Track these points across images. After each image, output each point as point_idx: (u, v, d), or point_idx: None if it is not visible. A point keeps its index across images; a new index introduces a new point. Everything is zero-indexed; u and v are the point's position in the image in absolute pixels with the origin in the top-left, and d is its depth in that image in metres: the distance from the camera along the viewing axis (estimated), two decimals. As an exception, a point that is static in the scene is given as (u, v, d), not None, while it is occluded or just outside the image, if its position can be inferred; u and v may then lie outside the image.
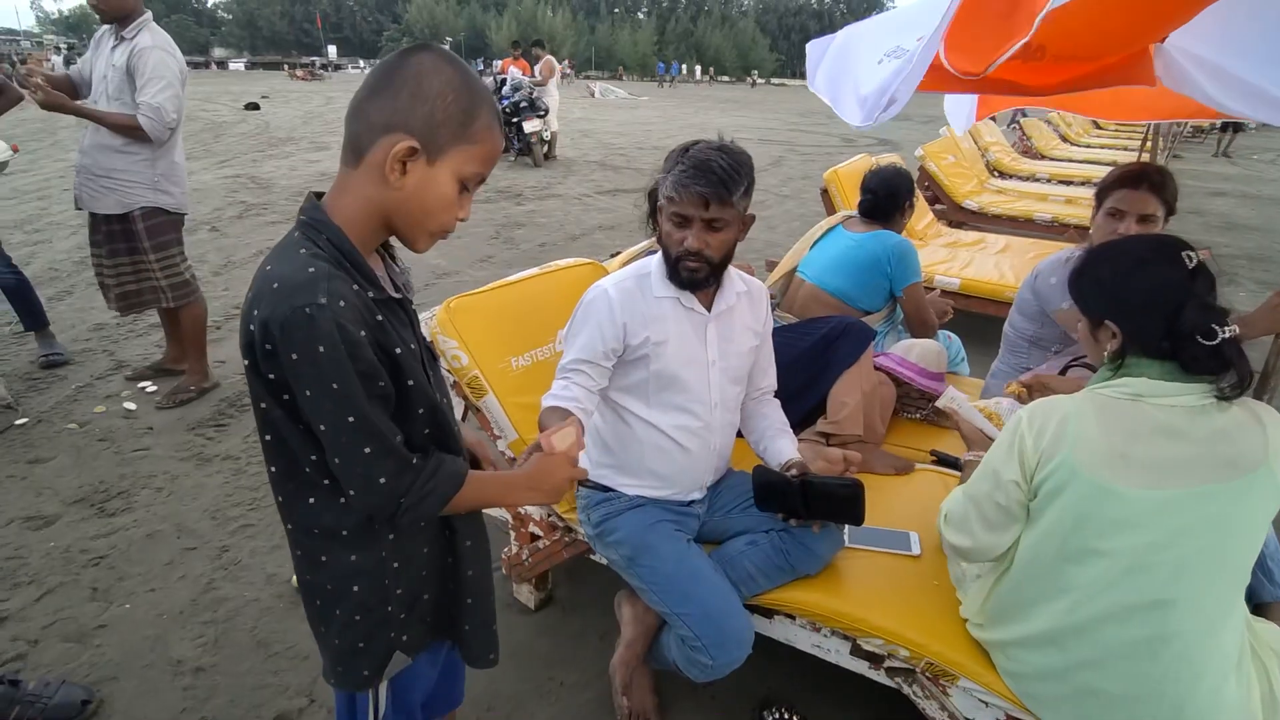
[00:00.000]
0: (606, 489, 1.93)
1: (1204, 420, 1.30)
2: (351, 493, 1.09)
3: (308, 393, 1.03)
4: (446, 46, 1.13)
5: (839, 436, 2.39)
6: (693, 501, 1.95)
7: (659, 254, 1.83)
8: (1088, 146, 11.33)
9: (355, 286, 1.04)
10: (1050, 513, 1.36)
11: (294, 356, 1.01)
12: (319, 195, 1.12)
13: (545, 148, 11.69)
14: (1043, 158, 9.95)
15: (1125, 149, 10.76)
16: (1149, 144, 4.97)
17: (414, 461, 1.10)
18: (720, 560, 1.87)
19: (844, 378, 2.45)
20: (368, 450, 1.06)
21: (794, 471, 1.82)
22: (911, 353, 2.77)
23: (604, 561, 2.07)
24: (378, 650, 1.23)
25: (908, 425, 2.74)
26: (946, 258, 4.94)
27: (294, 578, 2.48)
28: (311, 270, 1.02)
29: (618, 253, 3.21)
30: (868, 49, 1.79)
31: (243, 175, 9.90)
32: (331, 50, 69.01)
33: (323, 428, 1.05)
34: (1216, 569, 1.29)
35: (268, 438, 1.12)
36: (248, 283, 5.97)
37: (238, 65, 65.31)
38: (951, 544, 1.49)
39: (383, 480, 1.08)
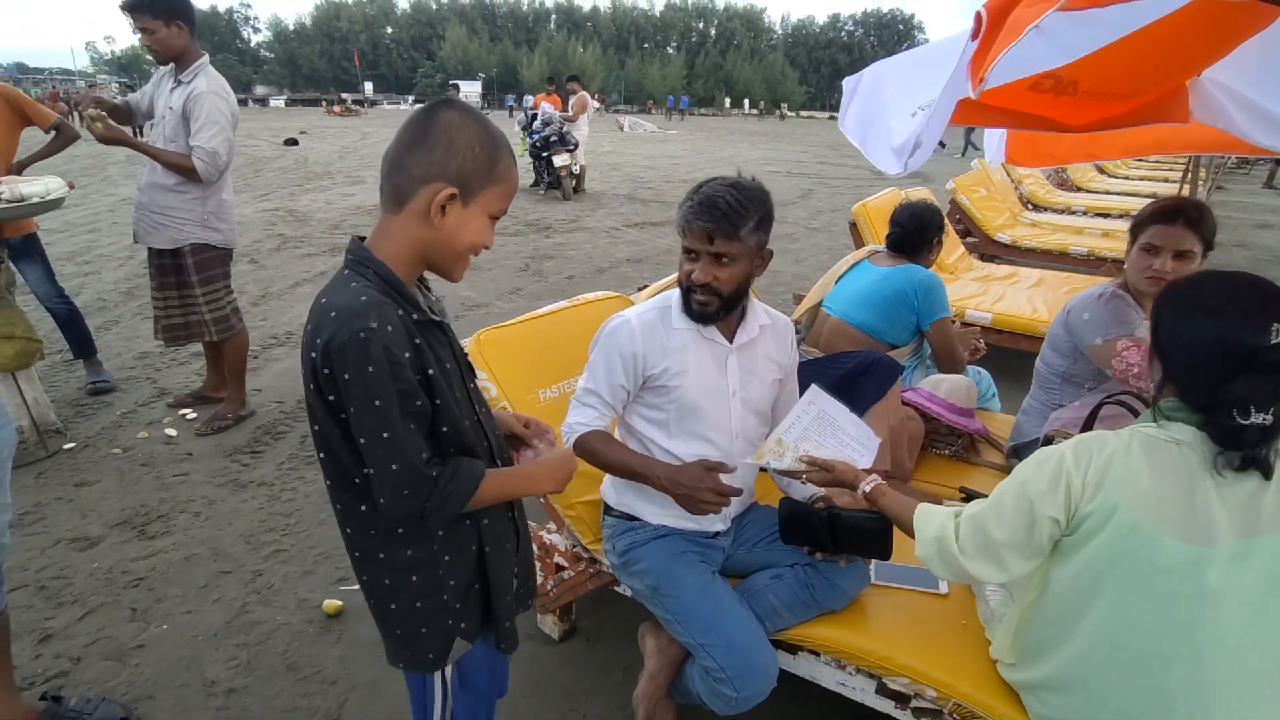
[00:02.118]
0: (631, 518, 1.96)
1: (1243, 479, 1.28)
2: (380, 501, 1.21)
3: (353, 409, 1.16)
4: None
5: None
6: (717, 533, 1.96)
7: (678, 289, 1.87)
8: (1125, 178, 11.23)
9: (400, 311, 1.18)
10: (1087, 550, 1.35)
11: (346, 376, 1.14)
12: (361, 239, 1.26)
13: (574, 181, 11.89)
14: (1079, 190, 9.89)
15: (1166, 180, 10.66)
16: (1190, 176, 4.94)
17: (434, 475, 1.21)
18: (744, 594, 1.88)
19: (870, 413, 2.45)
20: (394, 467, 1.18)
21: (820, 504, 1.83)
22: (940, 388, 2.77)
23: (628, 593, 2.09)
24: (438, 635, 1.36)
25: (936, 461, 2.74)
26: (978, 292, 4.92)
27: (325, 602, 2.53)
28: (364, 299, 1.15)
29: (645, 286, 3.26)
30: (902, 98, 1.84)
31: (281, 209, 10.21)
32: (368, 86, 70.97)
33: (362, 441, 1.17)
34: (1259, 623, 1.27)
35: (322, 455, 1.25)
36: (284, 313, 6.10)
37: (278, 102, 67.45)
38: (972, 573, 1.47)
39: (405, 493, 1.20)
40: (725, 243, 1.70)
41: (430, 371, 1.21)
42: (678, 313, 1.84)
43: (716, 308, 1.77)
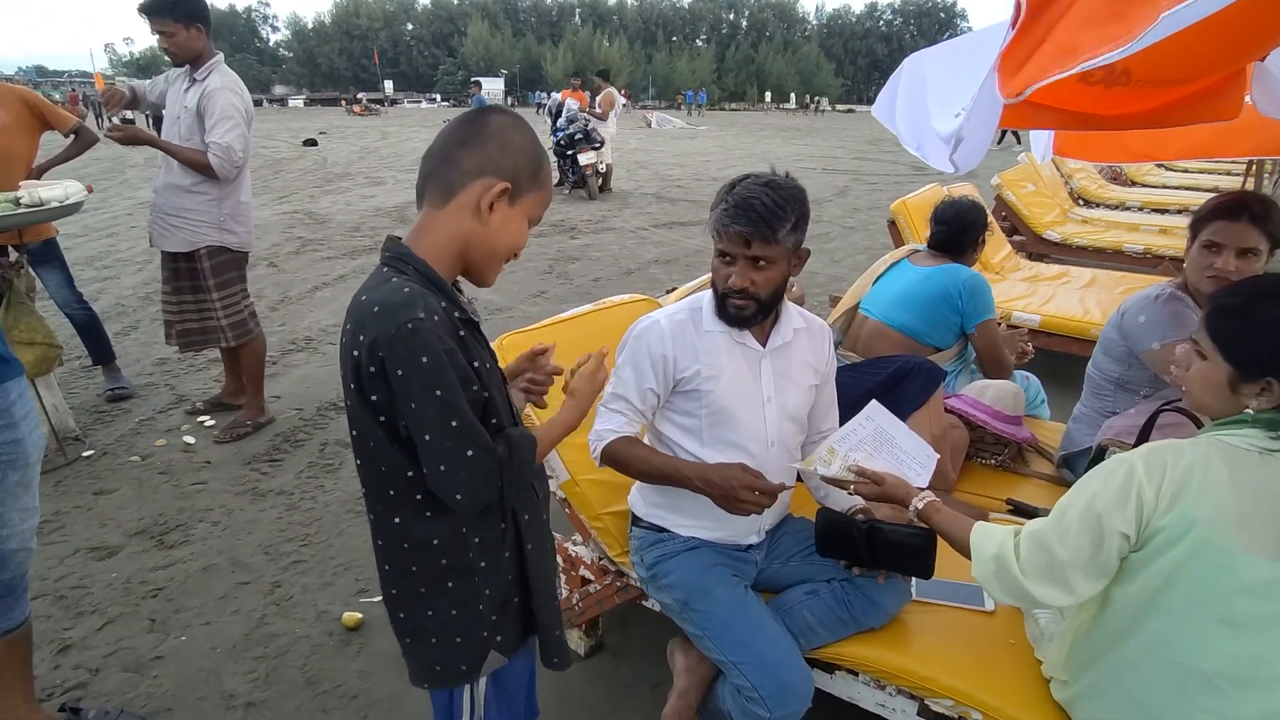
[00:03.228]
0: (660, 529, 1.96)
1: None
2: (459, 497, 1.22)
3: (413, 405, 1.17)
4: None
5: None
6: (750, 546, 1.96)
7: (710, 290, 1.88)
8: (1185, 171, 10.99)
9: (444, 304, 1.22)
10: (1157, 567, 1.32)
11: (400, 372, 1.15)
12: (397, 238, 1.30)
13: (600, 180, 11.95)
14: (1134, 184, 9.70)
15: (1228, 174, 10.42)
16: (1254, 169, 4.84)
17: (500, 453, 1.25)
18: (778, 610, 1.88)
19: (912, 420, 2.43)
20: (470, 453, 1.20)
21: (860, 516, 1.82)
22: (986, 394, 2.74)
23: (657, 608, 2.09)
24: (474, 646, 1.37)
25: (982, 472, 2.71)
26: (1026, 293, 4.86)
27: (345, 614, 2.56)
28: (407, 291, 1.18)
29: (674, 288, 3.27)
30: (945, 98, 1.84)
31: (300, 211, 10.38)
32: (388, 85, 71.96)
33: (427, 437, 1.18)
34: None
35: (359, 462, 1.28)
36: (303, 317, 6.19)
37: (297, 102, 68.64)
38: (1035, 596, 1.45)
39: (483, 480, 1.22)
40: (763, 246, 1.70)
41: (477, 364, 1.25)
42: (709, 315, 1.84)
43: (754, 311, 1.78)
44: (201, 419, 4.06)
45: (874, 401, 1.86)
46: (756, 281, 1.74)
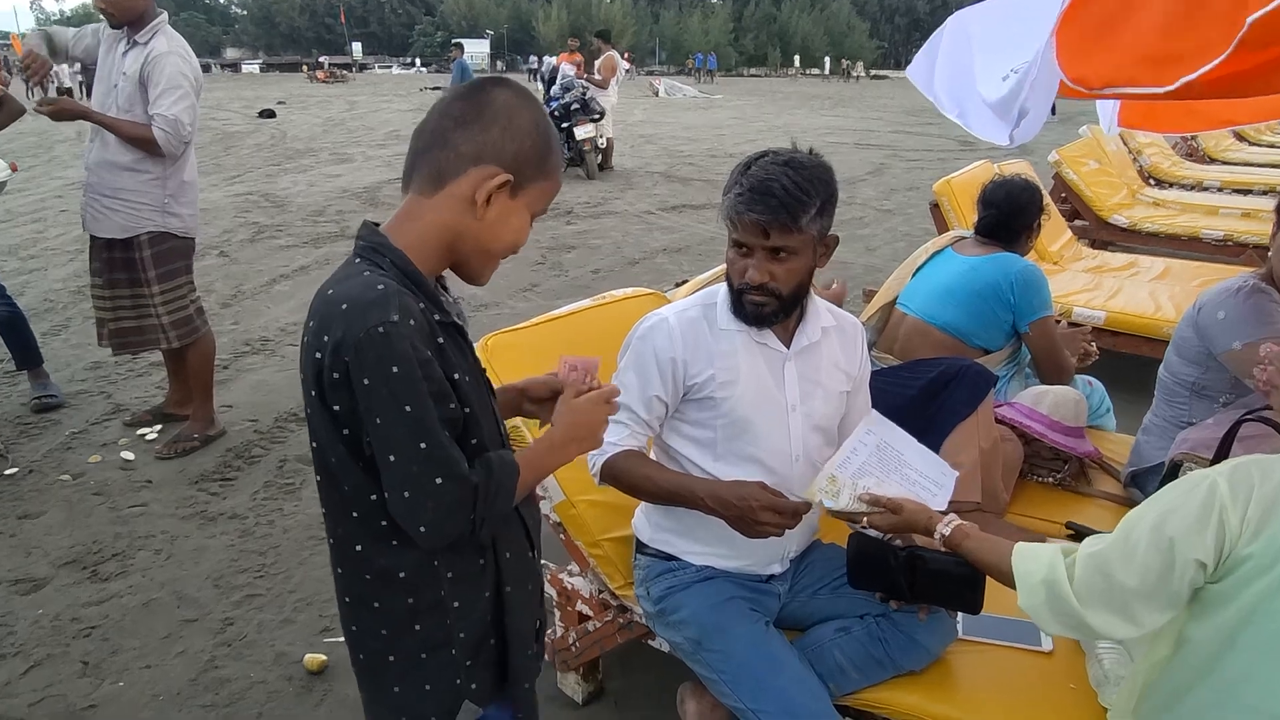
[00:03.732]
0: (669, 557, 1.97)
1: None
2: (422, 529, 1.21)
3: (378, 420, 1.16)
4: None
5: (953, 503, 2.37)
6: (772, 577, 1.97)
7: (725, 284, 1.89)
8: (1271, 146, 10.98)
9: (421, 306, 1.20)
10: (1244, 599, 1.31)
11: (366, 381, 1.15)
12: (374, 224, 1.29)
13: (600, 157, 11.97)
14: (1213, 161, 9.69)
15: (1323, 148, 10.41)
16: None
17: (475, 481, 1.23)
18: (805, 650, 1.88)
19: (957, 432, 2.45)
20: (439, 480, 1.18)
21: (898, 542, 1.83)
22: (1043, 402, 2.75)
23: (665, 648, 2.10)
24: (444, 694, 1.35)
25: (1038, 491, 2.71)
26: (1088, 285, 4.87)
27: (306, 656, 2.57)
28: (380, 288, 1.17)
29: (684, 280, 3.28)
30: (992, 58, 1.85)
31: (255, 192, 10.43)
32: (356, 48, 72.18)
33: (392, 458, 1.18)
34: None
35: (319, 478, 1.29)
36: (259, 315, 6.20)
37: (252, 67, 68.91)
38: (1092, 626, 1.45)
39: (452, 512, 1.21)
40: (783, 235, 1.69)
41: (456, 376, 1.24)
42: (724, 311, 1.85)
43: (775, 309, 1.78)
44: (142, 432, 4.08)
45: (873, 411, 1.87)
46: (777, 275, 1.73)
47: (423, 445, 1.17)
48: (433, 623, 1.32)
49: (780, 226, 1.68)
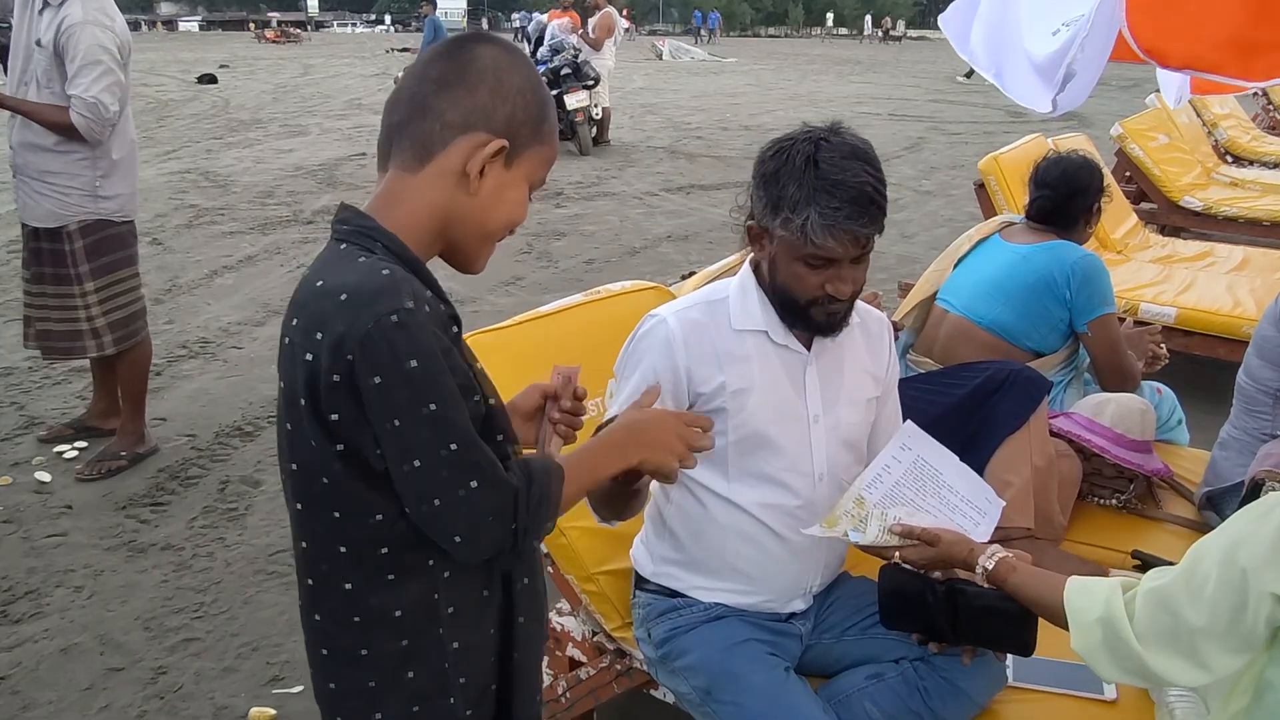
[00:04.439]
0: (674, 594, 1.96)
1: None
2: (458, 539, 1.21)
3: (397, 422, 1.15)
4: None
5: (1001, 529, 2.38)
6: (792, 615, 1.96)
7: (740, 278, 1.89)
8: (1369, 118, 11.01)
9: (429, 293, 1.21)
10: None
11: (376, 380, 1.13)
12: (354, 208, 1.29)
13: (594, 129, 12.00)
14: (1300, 134, 9.72)
15: None
16: None
17: (515, 485, 1.23)
18: (831, 700, 1.88)
19: (1006, 446, 2.45)
20: (474, 484, 1.18)
21: (937, 574, 1.83)
22: (1104, 413, 2.75)
23: (669, 699, 2.10)
24: None
25: (1099, 515, 2.71)
26: (1157, 278, 4.88)
27: (252, 710, 2.57)
28: (386, 273, 1.16)
29: (691, 273, 3.28)
30: (1040, 10, 1.86)
31: (193, 170, 10.46)
32: (312, 3, 72.45)
33: (417, 464, 1.17)
34: None
35: (299, 506, 1.25)
36: (198, 313, 6.20)
37: (190, 24, 69.14)
38: (1155, 670, 1.45)
39: (491, 518, 1.21)
40: (872, 240, 1.74)
41: (477, 365, 1.26)
42: (739, 310, 1.86)
43: (847, 312, 1.82)
44: (60, 449, 4.07)
45: (908, 423, 1.87)
46: (857, 280, 1.78)
47: (453, 446, 1.16)
48: (428, 671, 1.30)
49: (879, 231, 1.73)
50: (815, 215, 1.67)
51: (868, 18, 72.74)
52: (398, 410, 1.14)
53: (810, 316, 1.79)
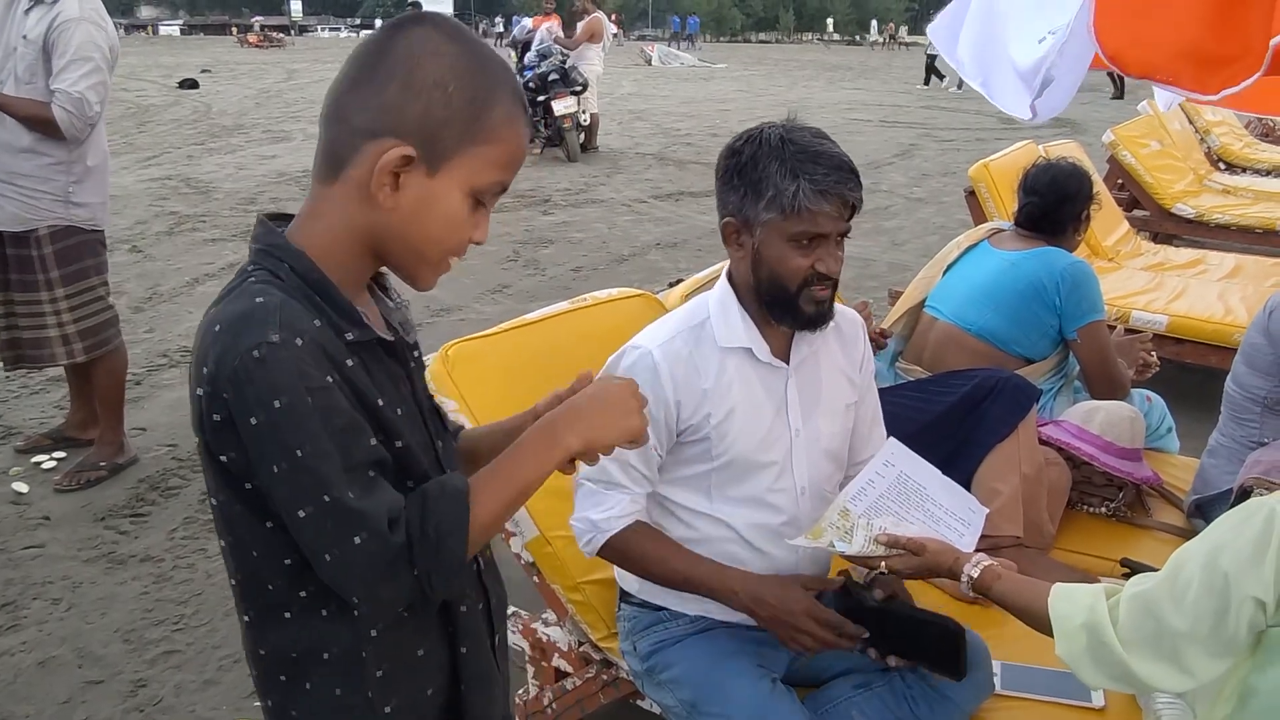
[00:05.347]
0: (658, 608, 1.97)
1: None
2: (356, 600, 1.13)
3: (275, 469, 1.07)
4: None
5: (990, 537, 2.40)
6: (779, 625, 1.98)
7: (718, 293, 1.89)
8: (1362, 125, 11.10)
9: (318, 322, 1.10)
10: None
11: (252, 421, 1.05)
12: (275, 218, 1.20)
13: (582, 135, 12.01)
14: (1293, 142, 9.80)
15: None
16: None
17: (399, 540, 1.10)
18: (818, 710, 1.89)
19: (995, 455, 2.47)
20: (358, 540, 1.07)
21: (879, 591, 1.83)
22: (1093, 420, 2.77)
23: (656, 710, 2.11)
24: None
25: (1089, 523, 2.74)
26: (1148, 285, 4.91)
27: (233, 723, 2.57)
28: (260, 300, 1.07)
29: (679, 280, 3.29)
30: (1027, 17, 1.89)
31: (175, 176, 10.43)
32: (296, 7, 72.31)
33: (301, 514, 1.08)
34: None
35: (226, 542, 1.18)
36: (178, 321, 6.20)
37: (171, 29, 68.94)
38: (1139, 675, 1.47)
39: (385, 572, 1.10)
40: (854, 213, 1.78)
41: (380, 403, 1.14)
42: (722, 326, 1.86)
43: (832, 300, 1.84)
44: (38, 460, 4.06)
45: (891, 439, 1.88)
46: (840, 260, 1.80)
47: (325, 498, 1.06)
48: (363, 709, 1.23)
49: (861, 201, 1.76)
50: (805, 183, 1.70)
51: (873, 23, 72.90)
52: (274, 455, 1.06)
53: (800, 307, 1.80)
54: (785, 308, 1.81)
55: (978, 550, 2.23)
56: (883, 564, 1.76)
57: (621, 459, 1.81)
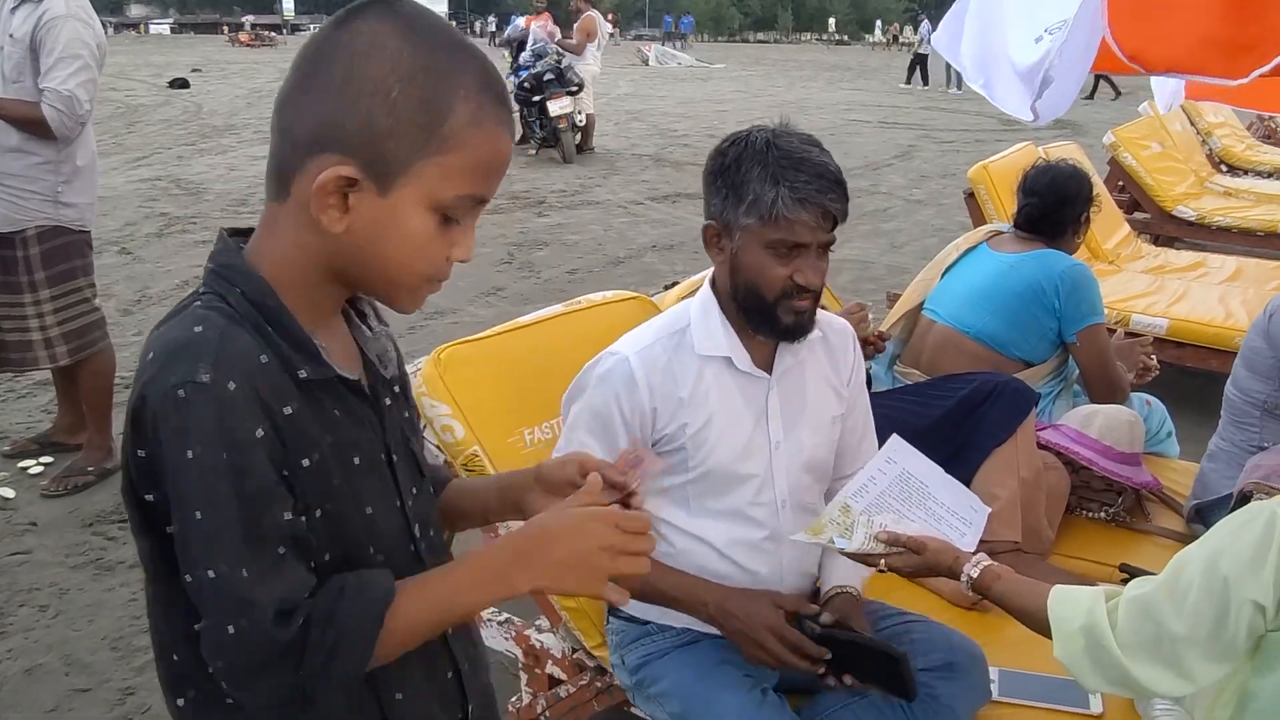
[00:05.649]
0: (644, 621, 1.97)
1: None
2: (223, 684, 1.02)
3: (177, 518, 0.98)
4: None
5: (987, 543, 2.40)
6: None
7: (700, 299, 1.89)
8: (1364, 127, 11.13)
9: (265, 358, 1.00)
10: None
11: (167, 463, 0.97)
12: (237, 233, 1.11)
13: (578, 136, 12.01)
14: (1295, 144, 9.82)
15: None
16: None
17: (289, 638, 0.98)
18: (813, 717, 1.90)
19: (993, 459, 2.47)
20: (231, 629, 0.97)
21: (825, 617, 1.83)
22: (1093, 424, 2.77)
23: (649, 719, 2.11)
24: None
25: (1088, 528, 2.74)
26: (1149, 288, 4.92)
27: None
28: (198, 330, 0.98)
29: (675, 283, 3.30)
30: (1025, 17, 1.89)
31: (164, 177, 10.43)
32: (287, 5, 72.21)
33: (187, 578, 0.98)
34: None
35: (153, 590, 1.09)
36: (169, 324, 6.20)
37: (161, 27, 68.90)
38: (1138, 680, 1.47)
39: (261, 664, 0.99)
40: (838, 224, 1.76)
41: (305, 463, 1.02)
42: (701, 334, 1.86)
43: (814, 312, 1.83)
44: (24, 464, 4.06)
45: (895, 437, 1.88)
46: (821, 272, 1.78)
47: (212, 573, 0.96)
48: None
49: (845, 213, 1.75)
50: (785, 191, 1.69)
51: (878, 23, 72.87)
52: (176, 504, 0.97)
53: (778, 317, 1.79)
54: (763, 317, 1.81)
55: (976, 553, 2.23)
56: (882, 562, 1.76)
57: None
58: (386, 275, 1.05)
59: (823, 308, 1.92)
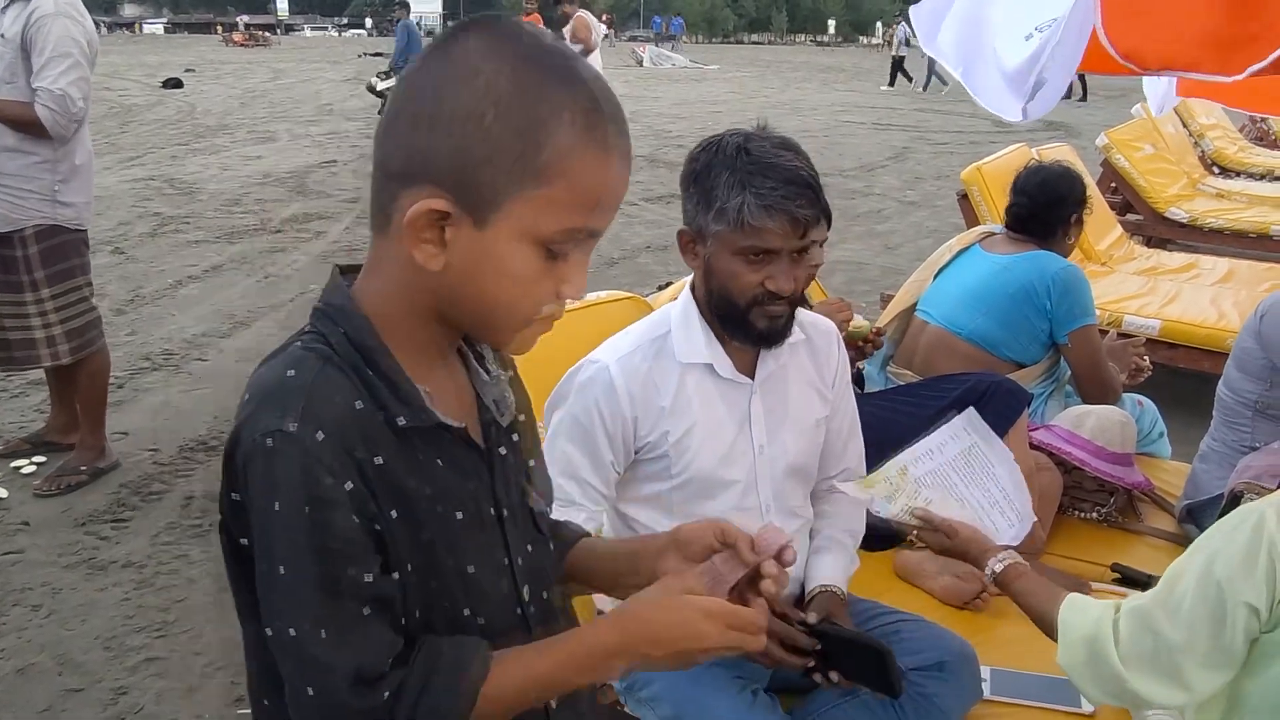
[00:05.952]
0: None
1: None
2: None
3: (262, 570, 0.95)
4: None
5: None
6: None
7: (681, 305, 1.88)
8: (1356, 129, 11.17)
9: (360, 404, 0.96)
10: None
11: (254, 511, 0.95)
12: (348, 270, 1.07)
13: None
14: (1287, 146, 9.86)
15: None
16: None
17: (367, 705, 0.95)
18: (805, 717, 1.90)
19: (985, 459, 2.48)
20: (310, 691, 0.94)
21: (811, 617, 1.81)
22: (1085, 425, 2.78)
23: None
24: None
25: (1080, 528, 2.74)
26: (1141, 290, 4.94)
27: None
28: (290, 374, 0.95)
29: (669, 283, 3.30)
30: (1013, 13, 1.90)
31: (158, 177, 10.42)
32: (282, 5, 72.21)
33: (269, 631, 0.95)
34: None
35: (250, 627, 1.04)
36: (160, 324, 6.20)
37: (155, 27, 68.82)
38: (1139, 693, 1.47)
39: None
40: (817, 229, 1.74)
41: (395, 513, 0.97)
42: (682, 341, 1.85)
43: (790, 318, 1.81)
44: (17, 464, 4.05)
45: (970, 410, 1.85)
46: (799, 279, 1.76)
47: (292, 631, 0.93)
48: None
49: (817, 220, 1.72)
50: (751, 197, 1.67)
51: (877, 24, 72.83)
52: (262, 555, 0.94)
53: (751, 323, 1.78)
54: (736, 323, 1.80)
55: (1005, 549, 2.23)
56: (912, 534, 1.76)
57: (579, 478, 1.81)
58: (488, 314, 0.99)
59: (808, 306, 1.92)
